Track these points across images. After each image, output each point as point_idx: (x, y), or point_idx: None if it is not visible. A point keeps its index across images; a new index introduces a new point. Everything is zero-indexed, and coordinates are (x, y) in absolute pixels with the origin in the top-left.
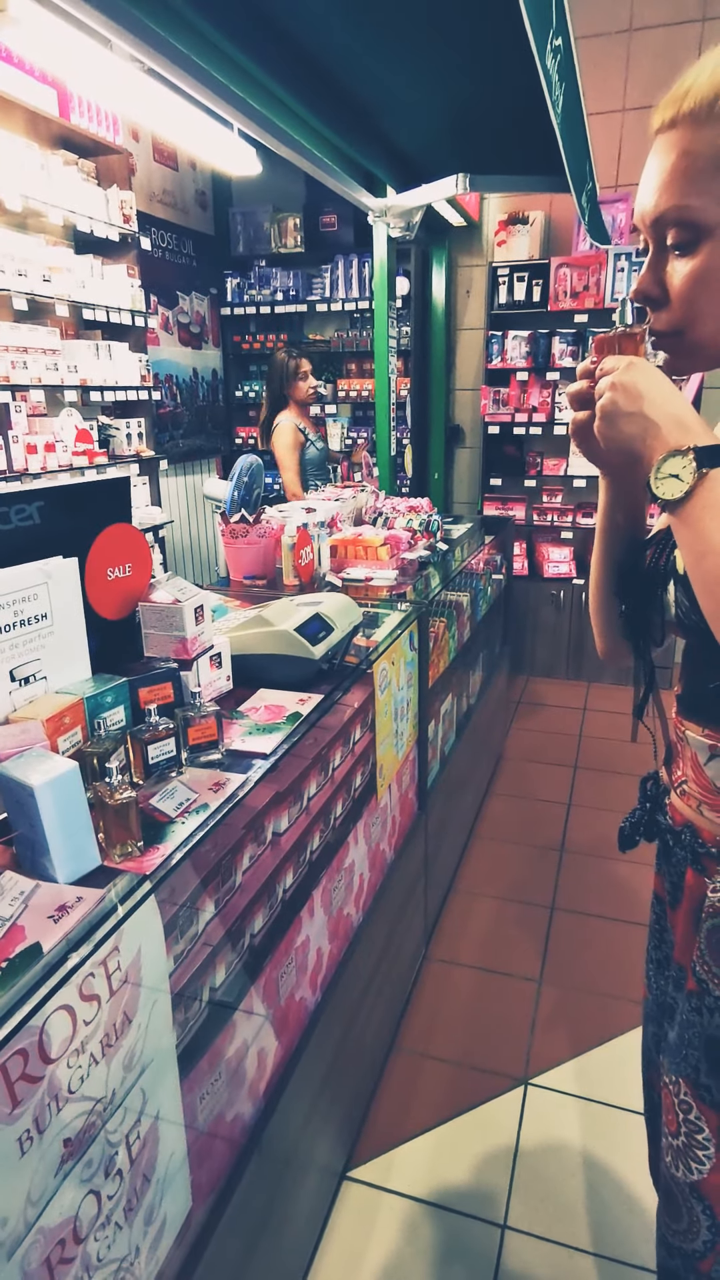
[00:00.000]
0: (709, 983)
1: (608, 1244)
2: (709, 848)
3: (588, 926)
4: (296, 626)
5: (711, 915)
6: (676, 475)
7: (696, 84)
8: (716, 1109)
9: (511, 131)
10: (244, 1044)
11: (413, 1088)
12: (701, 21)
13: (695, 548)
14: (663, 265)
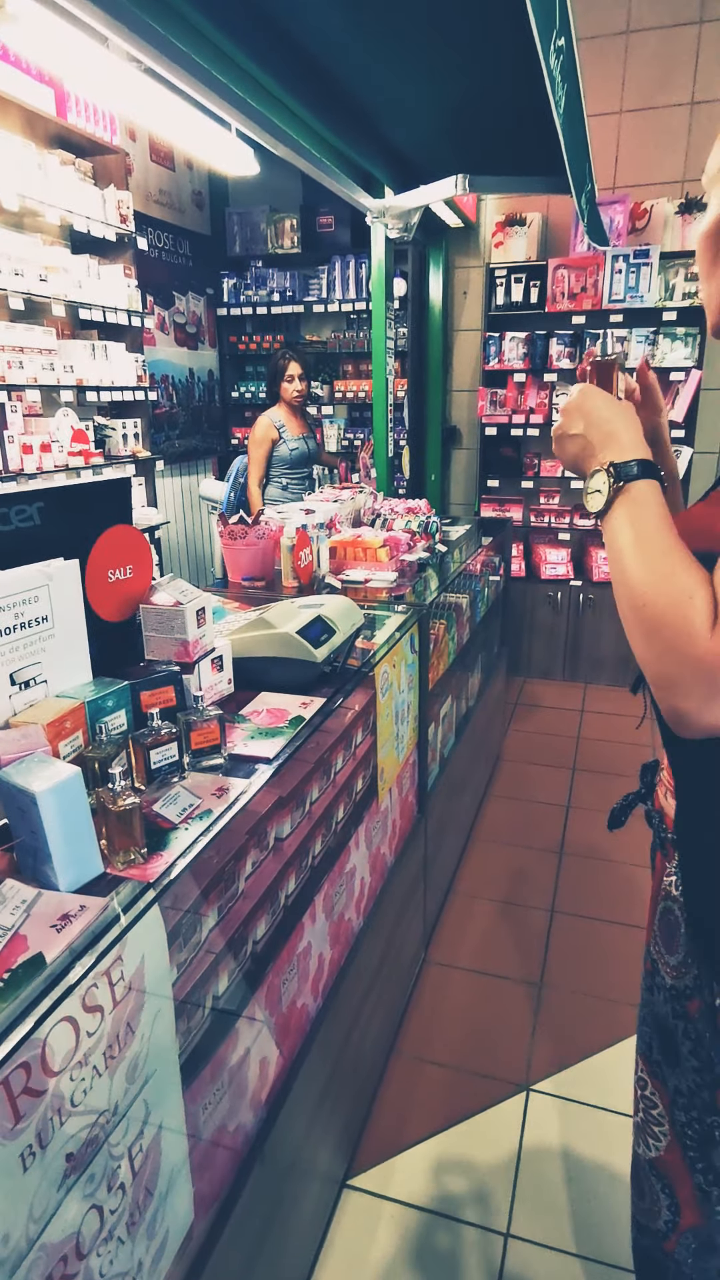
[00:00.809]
0: (658, 962)
1: (611, 1251)
2: (670, 834)
3: (587, 929)
4: (298, 629)
5: (664, 898)
6: (598, 489)
7: None
8: (665, 1085)
9: (511, 132)
10: (246, 1052)
11: (413, 1094)
12: (699, 24)
13: (610, 556)
14: None
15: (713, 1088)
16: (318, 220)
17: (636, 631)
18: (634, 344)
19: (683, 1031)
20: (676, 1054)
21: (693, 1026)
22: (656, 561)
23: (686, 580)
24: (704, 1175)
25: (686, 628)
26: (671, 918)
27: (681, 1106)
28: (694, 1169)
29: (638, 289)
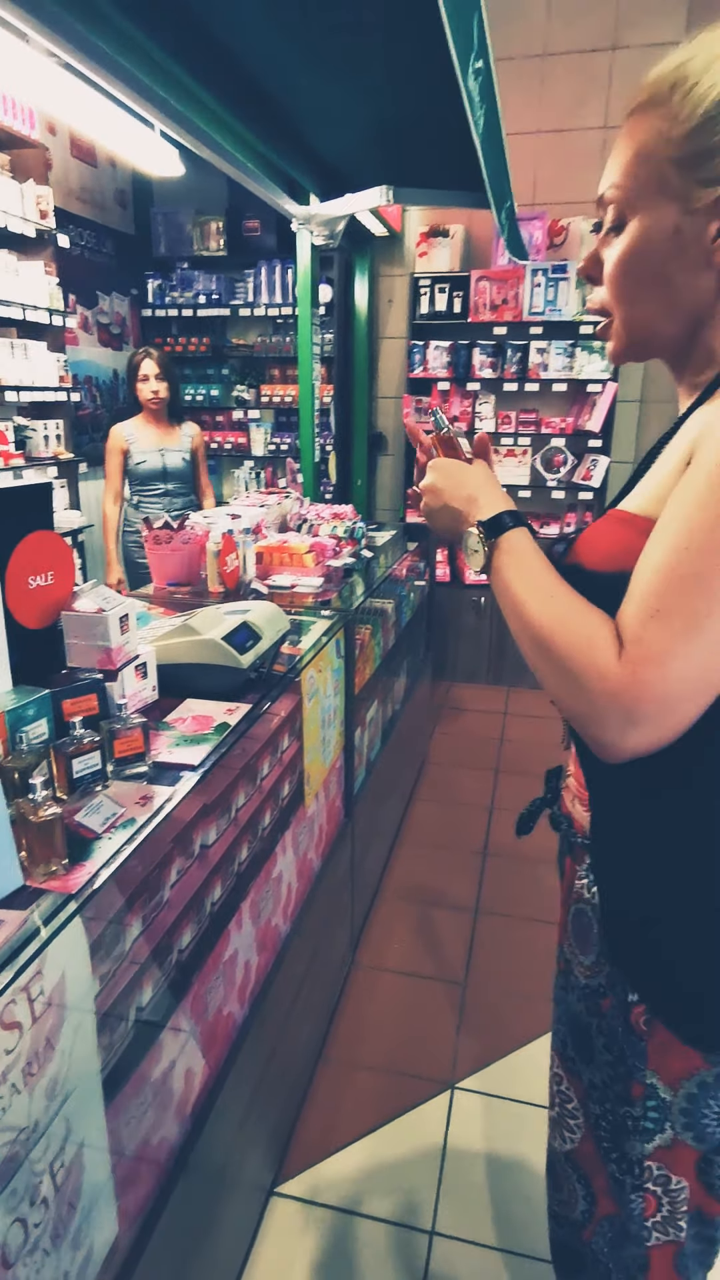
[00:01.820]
0: (572, 962)
1: (533, 1244)
2: (579, 838)
3: (510, 928)
4: (224, 635)
5: (576, 900)
6: (475, 549)
7: (653, 73)
8: (580, 1080)
9: (434, 148)
10: (170, 1064)
11: (341, 1098)
12: (611, 50)
13: (504, 609)
14: (604, 245)
15: (625, 1080)
16: (244, 224)
17: (547, 674)
18: (553, 355)
19: (596, 1028)
20: (591, 1049)
21: (606, 1023)
22: (550, 606)
23: (583, 618)
24: (618, 1165)
25: (593, 665)
26: (584, 919)
27: (596, 1099)
28: (608, 1159)
29: (556, 302)
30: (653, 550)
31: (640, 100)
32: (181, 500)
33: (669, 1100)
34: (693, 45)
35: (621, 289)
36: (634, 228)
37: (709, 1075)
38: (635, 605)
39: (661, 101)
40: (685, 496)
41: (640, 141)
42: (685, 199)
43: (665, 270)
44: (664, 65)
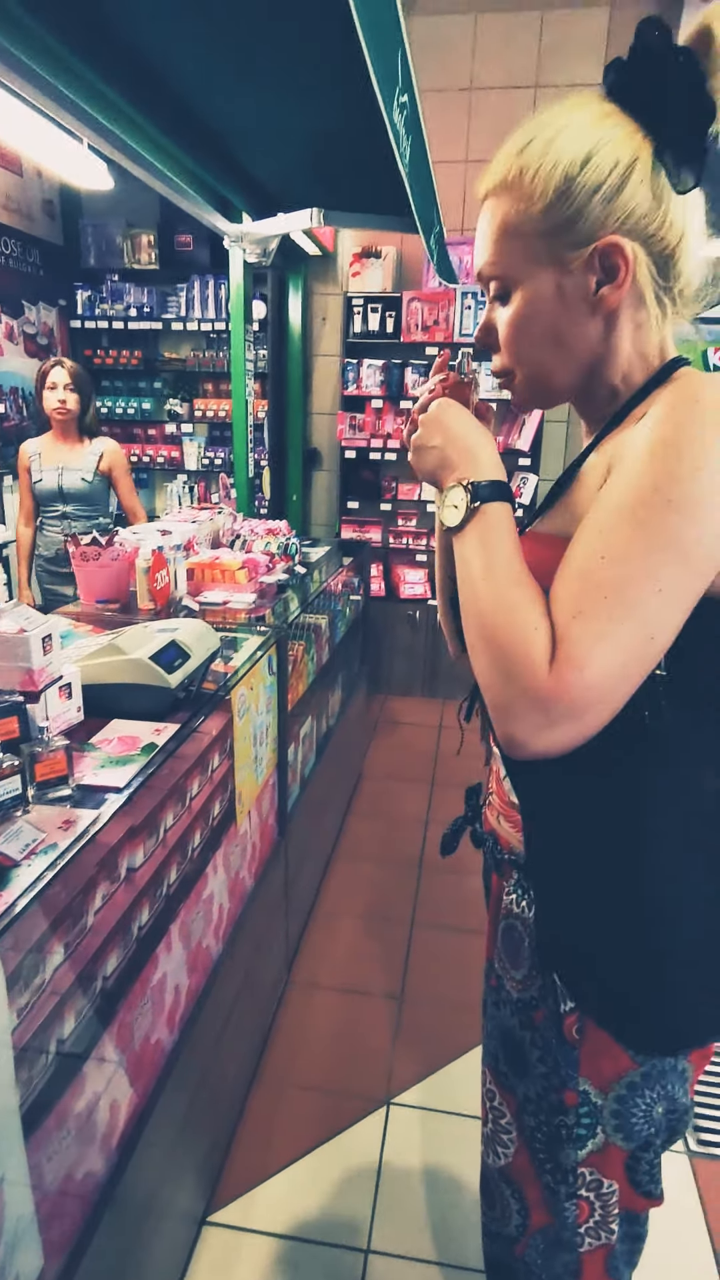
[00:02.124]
0: (503, 977)
1: (469, 1256)
2: (505, 854)
3: (445, 940)
4: (151, 654)
5: (505, 915)
6: (455, 505)
7: (495, 166)
8: (513, 1093)
9: (364, 174)
10: (95, 1096)
11: (275, 1121)
12: (534, 88)
13: (461, 573)
14: (494, 313)
15: (559, 1089)
16: (176, 238)
17: (481, 654)
18: (483, 376)
19: (530, 1041)
20: (525, 1062)
21: (539, 1035)
22: (506, 590)
23: (532, 614)
24: (552, 1175)
25: (527, 660)
26: (514, 934)
27: (530, 1112)
28: (542, 1170)
29: None
30: (574, 557)
31: (493, 185)
32: (82, 524)
33: (600, 1104)
34: (527, 130)
35: (518, 351)
36: (520, 297)
37: (637, 1075)
38: (559, 606)
39: (513, 185)
40: (604, 508)
41: (506, 221)
42: (560, 263)
43: (556, 329)
44: (505, 152)
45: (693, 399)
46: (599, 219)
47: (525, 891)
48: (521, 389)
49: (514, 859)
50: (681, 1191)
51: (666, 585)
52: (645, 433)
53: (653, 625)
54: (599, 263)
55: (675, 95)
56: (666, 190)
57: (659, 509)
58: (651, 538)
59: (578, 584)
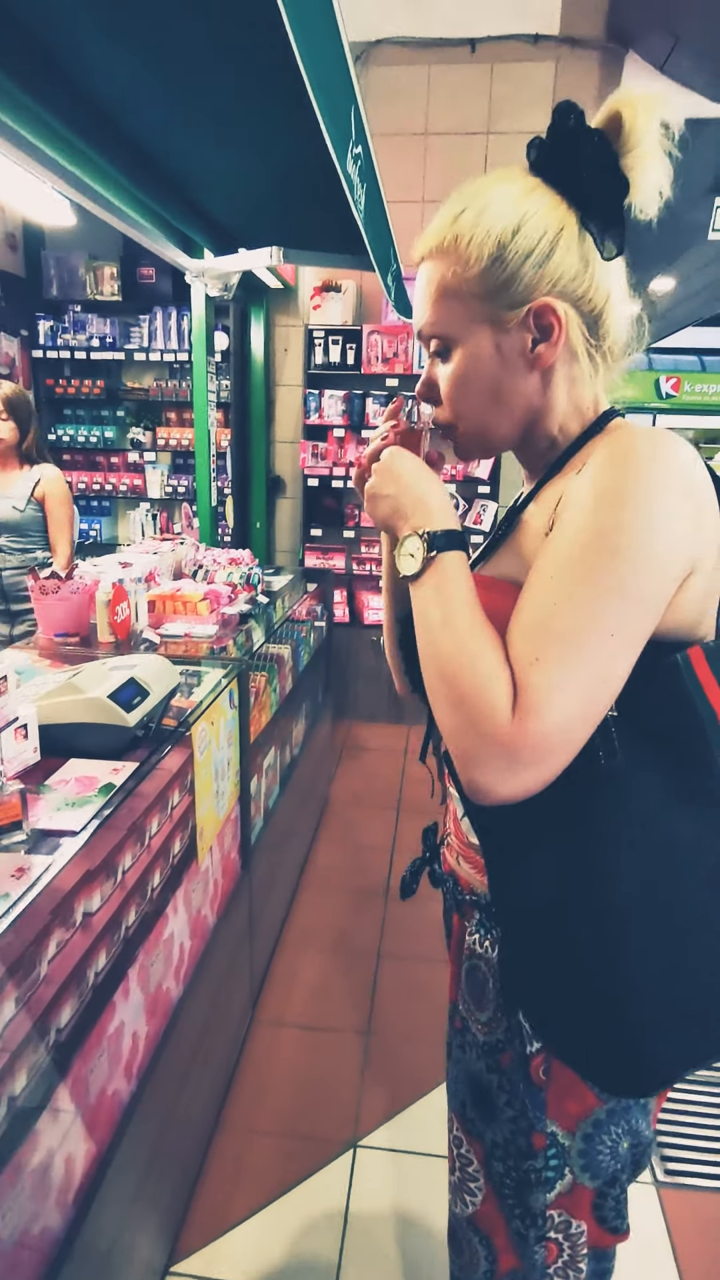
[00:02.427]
0: (468, 1019)
1: None
2: (465, 895)
3: (412, 971)
4: (110, 693)
5: (469, 957)
6: (412, 554)
7: (430, 231)
8: (481, 1140)
9: (322, 215)
10: (49, 1152)
11: (240, 1167)
12: (486, 134)
13: (419, 622)
14: (435, 368)
15: (528, 1133)
16: (139, 271)
17: (443, 702)
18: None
19: (497, 1084)
20: (492, 1107)
21: (506, 1078)
22: (465, 638)
23: (492, 662)
24: (520, 1220)
25: (489, 708)
26: (479, 975)
27: (499, 1157)
28: (511, 1215)
29: None
30: (526, 606)
31: (429, 250)
32: (17, 556)
33: (567, 1145)
34: (459, 199)
35: (459, 406)
36: (460, 355)
37: (602, 1112)
38: (515, 654)
39: (449, 250)
40: (554, 557)
41: (444, 284)
42: (497, 322)
43: (495, 385)
44: (440, 220)
45: (630, 451)
46: (532, 282)
47: (488, 931)
48: (463, 441)
49: (475, 899)
50: (648, 1221)
51: (618, 629)
52: (587, 484)
53: (607, 668)
54: (534, 322)
55: (592, 174)
56: (593, 255)
57: (606, 556)
58: (601, 584)
59: (534, 632)
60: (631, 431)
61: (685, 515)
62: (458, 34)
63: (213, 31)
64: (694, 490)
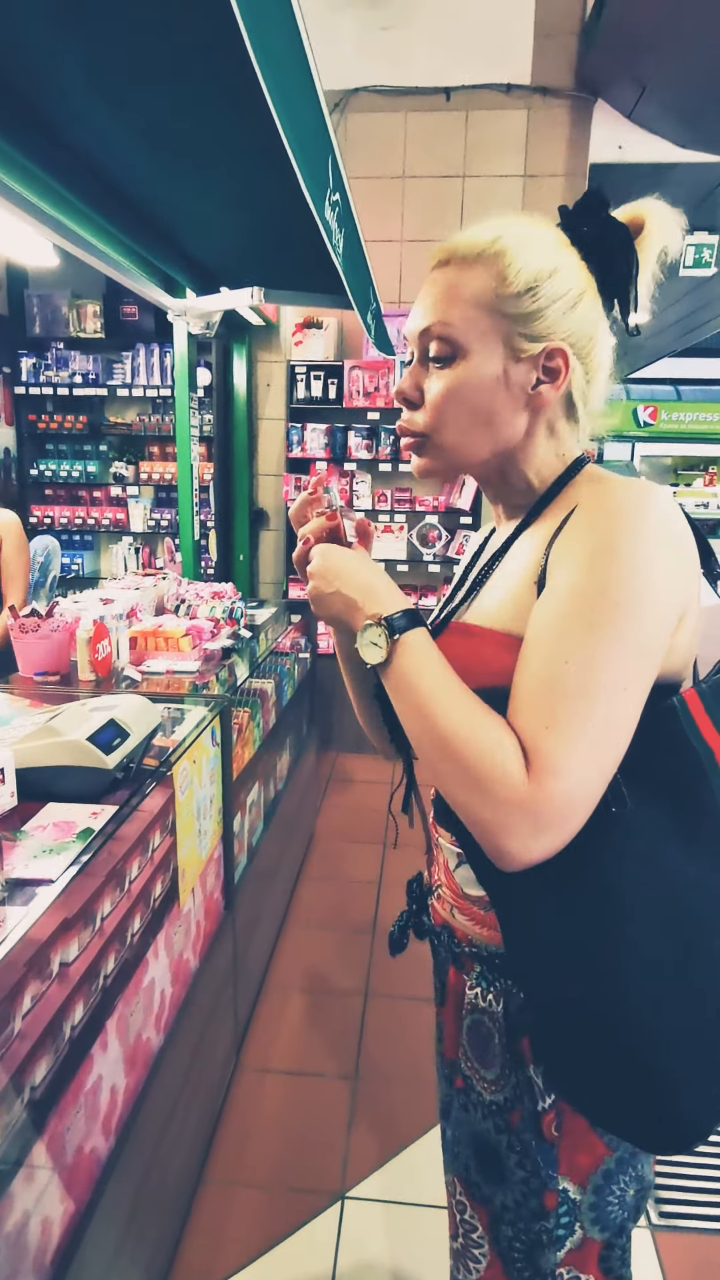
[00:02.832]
0: (472, 1079)
1: None
2: (464, 947)
3: (400, 1011)
4: (89, 735)
5: (470, 1012)
6: (375, 643)
7: (471, 238)
8: (486, 1205)
9: (303, 256)
10: (25, 1214)
11: (224, 1223)
12: (462, 177)
13: (402, 708)
14: (423, 373)
15: (539, 1193)
16: (122, 308)
17: (452, 781)
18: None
19: (507, 1144)
20: (501, 1169)
21: (517, 1138)
22: (457, 712)
23: (494, 729)
24: None
25: (505, 777)
26: (482, 1030)
27: (508, 1221)
28: (520, 1279)
29: None
30: (534, 665)
31: (466, 254)
32: None
33: (578, 1200)
34: (501, 223)
35: (447, 417)
36: (467, 365)
37: (611, 1161)
38: (527, 717)
39: (490, 261)
40: (556, 615)
41: (475, 291)
42: (513, 348)
43: (490, 406)
44: (482, 231)
45: (618, 506)
46: (553, 324)
47: (490, 984)
48: (434, 454)
49: (475, 951)
50: (644, 1265)
51: (627, 682)
52: (579, 540)
53: (619, 722)
54: (544, 362)
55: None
56: (601, 323)
57: (609, 611)
58: (608, 639)
59: (545, 692)
60: (613, 484)
61: (673, 565)
62: (434, 83)
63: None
64: (678, 540)
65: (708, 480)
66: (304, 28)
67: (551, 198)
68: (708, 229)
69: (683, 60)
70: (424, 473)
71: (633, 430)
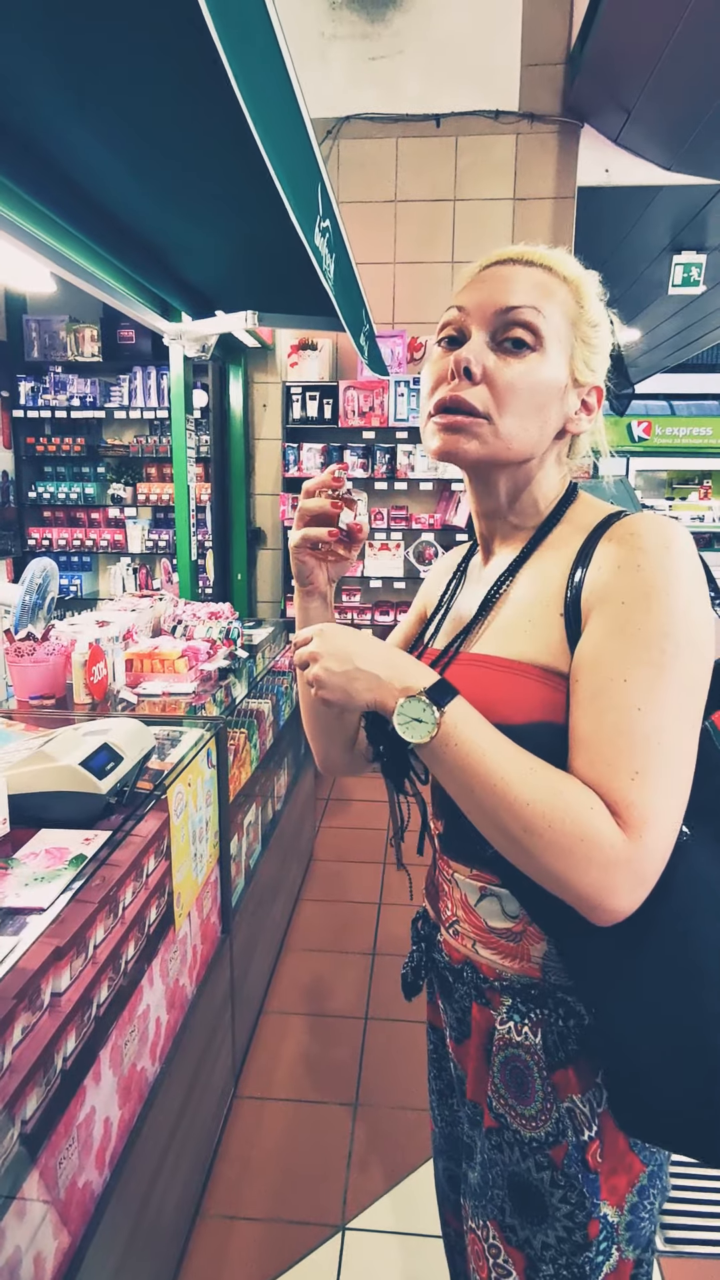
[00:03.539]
0: (506, 1116)
1: None
2: (491, 982)
3: (400, 1034)
4: (81, 760)
5: (503, 1048)
6: (419, 719)
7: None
8: (523, 1249)
9: (296, 281)
10: (18, 1250)
11: (223, 1258)
12: (452, 201)
13: (467, 782)
14: (487, 353)
15: (585, 1226)
16: (118, 332)
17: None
18: (418, 457)
19: (550, 1181)
20: (543, 1208)
21: (561, 1174)
22: (532, 781)
23: (578, 792)
24: None
25: (602, 840)
26: (518, 1064)
27: (549, 1259)
28: None
29: (419, 410)
30: (608, 714)
31: (549, 264)
32: None
33: (616, 1223)
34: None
35: (517, 403)
36: (543, 359)
37: (644, 1177)
38: (610, 768)
39: (573, 284)
40: (621, 659)
41: (562, 299)
42: (573, 369)
43: (548, 408)
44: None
45: (659, 547)
46: (599, 365)
47: (524, 1016)
48: (484, 438)
49: (506, 984)
50: None
51: (692, 718)
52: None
53: (689, 758)
54: (584, 396)
55: None
56: None
57: (671, 653)
58: (676, 681)
59: (625, 741)
60: (639, 520)
61: (707, 600)
62: (424, 110)
63: (183, 122)
64: (703, 574)
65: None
66: (291, 63)
67: (540, 221)
68: (695, 249)
69: (666, 86)
70: (458, 456)
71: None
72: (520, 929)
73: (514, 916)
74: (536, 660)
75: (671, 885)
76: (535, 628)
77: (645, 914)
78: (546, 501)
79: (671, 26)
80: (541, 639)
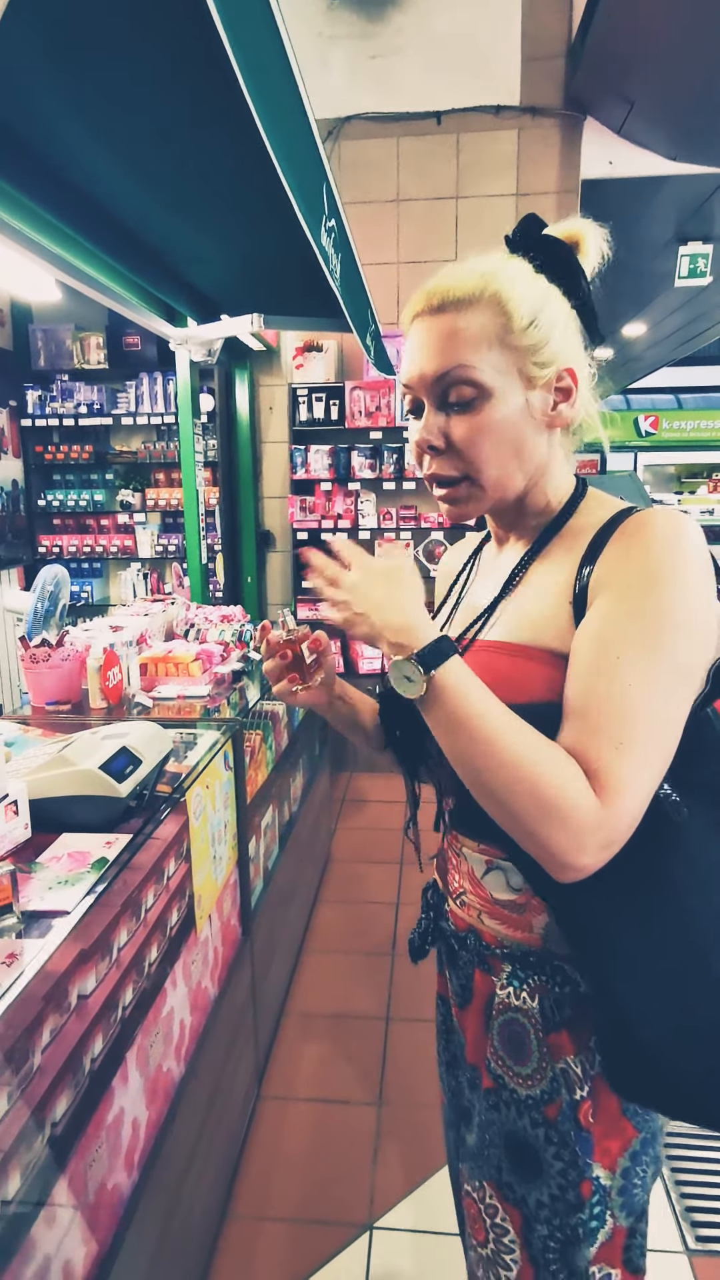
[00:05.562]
0: (504, 1076)
1: None
2: (493, 949)
3: (421, 1033)
4: (101, 764)
5: (502, 1011)
6: (409, 677)
7: (460, 282)
8: (519, 1207)
9: (301, 282)
10: (47, 1258)
11: (251, 1259)
12: (455, 199)
13: (459, 740)
14: (442, 419)
15: (577, 1184)
16: (124, 339)
17: (522, 808)
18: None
19: (545, 1137)
20: (537, 1163)
21: (555, 1130)
22: (518, 742)
23: (558, 756)
24: None
25: (578, 802)
26: (516, 1028)
27: (543, 1219)
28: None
29: None
30: (599, 687)
31: (457, 300)
32: None
33: (609, 1186)
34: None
35: (487, 457)
36: (493, 403)
37: (638, 1142)
38: (594, 738)
39: (489, 304)
40: (616, 639)
41: (481, 330)
42: (528, 377)
43: (521, 437)
44: (468, 278)
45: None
46: (557, 347)
47: (523, 982)
48: (475, 496)
49: (507, 952)
50: None
51: (680, 700)
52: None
53: (672, 737)
54: (555, 384)
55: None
56: (581, 340)
57: (668, 633)
58: (667, 662)
59: (613, 713)
60: (651, 514)
61: (711, 590)
62: (424, 108)
63: (189, 125)
64: (710, 566)
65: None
66: (295, 62)
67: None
68: (702, 239)
69: (668, 76)
70: (466, 518)
71: (634, 440)
72: (524, 901)
73: (518, 889)
74: (548, 645)
75: (672, 864)
76: (545, 616)
77: (646, 891)
78: (558, 497)
79: (672, 14)
80: (551, 626)
